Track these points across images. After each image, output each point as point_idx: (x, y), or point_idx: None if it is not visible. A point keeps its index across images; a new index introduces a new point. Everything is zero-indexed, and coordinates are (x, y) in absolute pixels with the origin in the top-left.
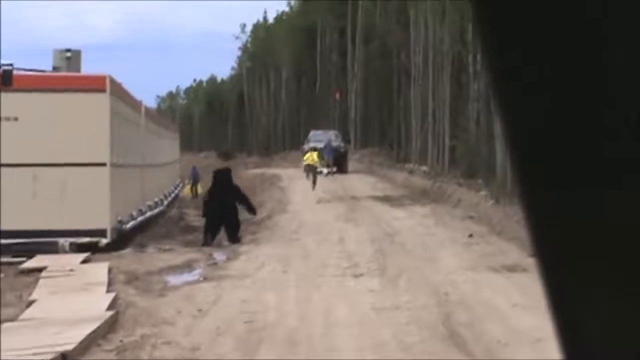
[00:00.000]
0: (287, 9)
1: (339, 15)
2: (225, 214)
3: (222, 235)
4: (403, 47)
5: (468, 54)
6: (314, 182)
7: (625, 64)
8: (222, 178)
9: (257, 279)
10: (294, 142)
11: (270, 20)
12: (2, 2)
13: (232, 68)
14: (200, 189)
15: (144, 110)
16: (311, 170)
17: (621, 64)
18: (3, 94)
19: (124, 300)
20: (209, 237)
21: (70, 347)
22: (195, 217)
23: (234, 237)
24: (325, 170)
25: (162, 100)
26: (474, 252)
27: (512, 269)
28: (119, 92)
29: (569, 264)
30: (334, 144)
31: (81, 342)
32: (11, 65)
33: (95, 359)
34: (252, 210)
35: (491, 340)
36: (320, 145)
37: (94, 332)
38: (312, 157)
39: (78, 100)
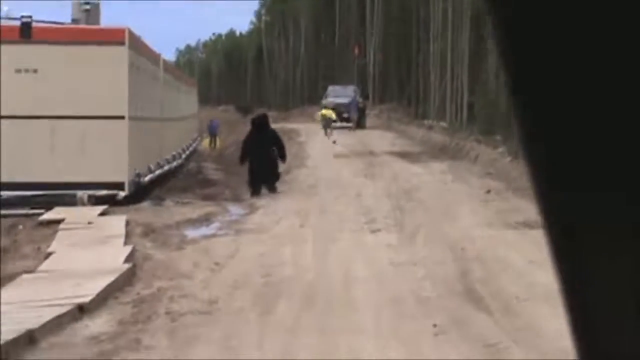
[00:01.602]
0: None
1: None
2: (265, 163)
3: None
4: (422, 2)
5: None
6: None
7: None
8: (260, 124)
9: (275, 233)
10: (313, 97)
11: None
12: None
13: (251, 22)
14: (218, 142)
15: (162, 63)
16: (327, 124)
17: None
18: (22, 46)
19: (142, 253)
20: (256, 187)
21: (87, 299)
22: (213, 171)
23: (272, 187)
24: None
25: (180, 53)
26: (491, 208)
27: (528, 225)
28: (137, 45)
29: (587, 262)
30: (356, 99)
31: (98, 294)
32: (30, 17)
33: (112, 311)
34: (283, 156)
35: (508, 296)
36: (342, 100)
37: (111, 284)
38: (328, 113)
39: (97, 52)
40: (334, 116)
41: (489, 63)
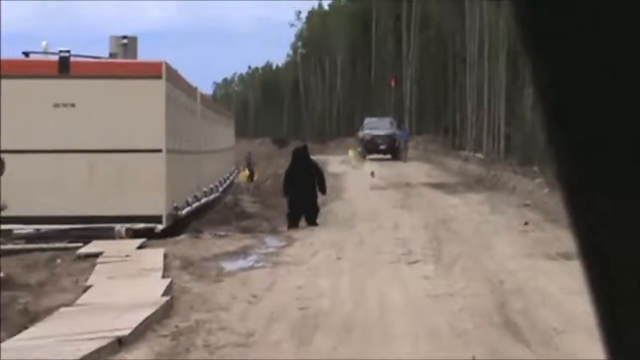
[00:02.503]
0: None
1: (394, 2)
2: (306, 195)
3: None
4: (458, 34)
5: None
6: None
7: None
8: (301, 156)
9: (312, 266)
10: (349, 129)
11: (325, 7)
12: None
13: (288, 55)
14: (256, 175)
15: (199, 96)
16: (358, 161)
17: None
18: (60, 81)
19: (179, 285)
20: (293, 221)
21: (125, 332)
22: (250, 204)
23: (313, 221)
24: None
25: (217, 86)
26: (529, 239)
27: (567, 256)
28: (174, 79)
29: (623, 295)
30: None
31: (137, 327)
32: (68, 52)
33: (150, 344)
34: (323, 189)
35: (547, 328)
36: (379, 132)
37: (149, 317)
38: (350, 155)
39: (134, 86)
40: (354, 157)
41: (525, 94)
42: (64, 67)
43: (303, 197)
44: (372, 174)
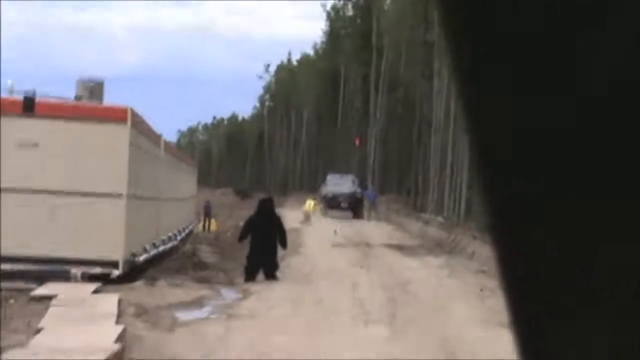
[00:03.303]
0: (311, 52)
1: (363, 62)
2: (267, 248)
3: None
4: (426, 97)
5: None
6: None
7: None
8: (265, 208)
9: (267, 320)
10: (311, 184)
11: (295, 62)
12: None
13: (254, 107)
14: (214, 225)
15: (163, 144)
16: (308, 217)
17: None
18: (24, 120)
19: (133, 333)
20: (250, 275)
21: None
22: (209, 254)
23: (272, 275)
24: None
25: (182, 134)
26: (485, 306)
27: None
28: (139, 125)
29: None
30: (352, 189)
31: None
32: (33, 92)
33: None
34: (284, 243)
35: None
36: (341, 189)
37: None
38: (309, 205)
39: (98, 130)
40: (312, 210)
41: None
42: (29, 106)
43: (263, 251)
44: (335, 231)
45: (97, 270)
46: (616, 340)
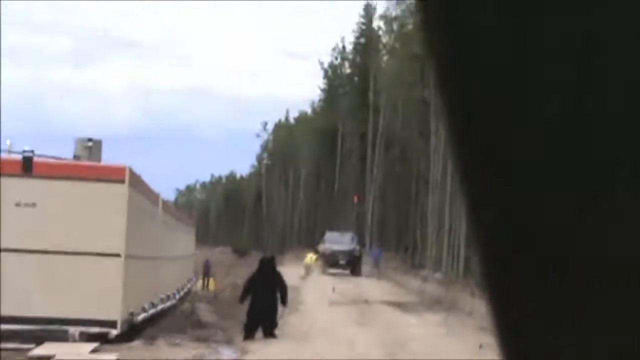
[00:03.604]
0: (309, 110)
1: (361, 120)
2: (267, 306)
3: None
4: (422, 155)
5: None
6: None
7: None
8: (267, 266)
9: None
10: (310, 242)
11: (292, 120)
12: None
13: (252, 165)
14: (212, 284)
15: (161, 203)
16: (308, 270)
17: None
18: (22, 180)
19: None
20: (250, 332)
21: None
22: (207, 312)
23: (271, 333)
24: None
25: (180, 193)
26: None
27: None
28: (137, 184)
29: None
30: (351, 247)
31: None
32: (32, 151)
33: None
34: (285, 301)
35: None
36: (340, 247)
37: None
38: (311, 259)
39: (97, 189)
40: (314, 263)
41: None
42: (27, 166)
43: (263, 308)
44: (333, 289)
45: (96, 329)
46: (602, 342)
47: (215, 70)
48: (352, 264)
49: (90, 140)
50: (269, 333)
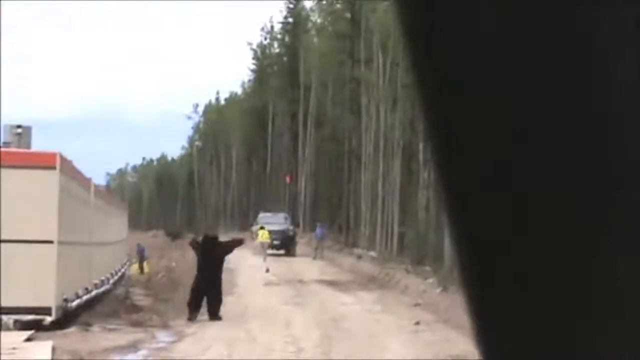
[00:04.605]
0: (239, 91)
1: (291, 100)
2: (211, 286)
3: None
4: (354, 133)
5: (419, 142)
6: (265, 260)
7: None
8: (210, 245)
9: None
10: (243, 223)
11: (223, 101)
12: None
13: (183, 147)
14: (147, 267)
15: (93, 188)
16: (264, 247)
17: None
18: None
19: None
20: (194, 311)
21: None
22: (142, 297)
23: (216, 314)
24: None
25: (111, 177)
26: (420, 340)
27: (458, 358)
28: (68, 170)
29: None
30: (284, 227)
31: None
32: None
33: None
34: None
35: None
36: (273, 227)
37: None
38: (264, 235)
39: (27, 176)
40: (269, 239)
41: (420, 194)
42: None
43: (206, 280)
44: (267, 269)
45: (30, 317)
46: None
47: (146, 52)
48: (286, 244)
49: (19, 126)
50: (214, 314)
